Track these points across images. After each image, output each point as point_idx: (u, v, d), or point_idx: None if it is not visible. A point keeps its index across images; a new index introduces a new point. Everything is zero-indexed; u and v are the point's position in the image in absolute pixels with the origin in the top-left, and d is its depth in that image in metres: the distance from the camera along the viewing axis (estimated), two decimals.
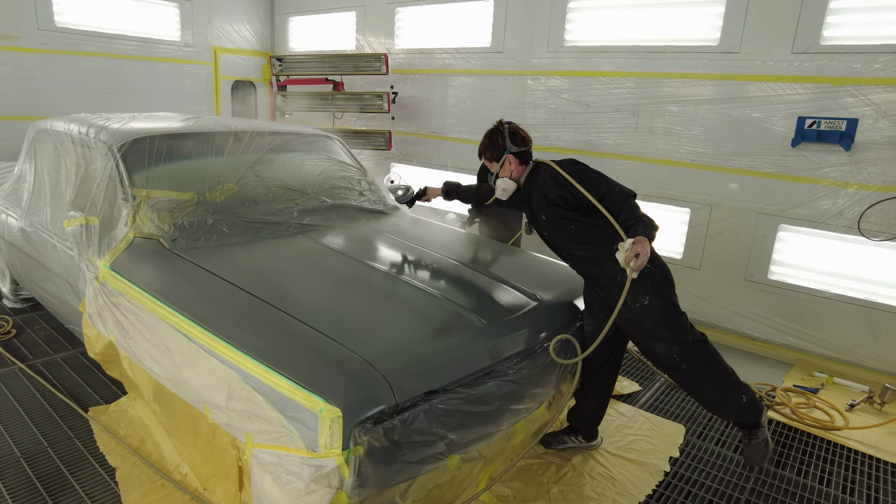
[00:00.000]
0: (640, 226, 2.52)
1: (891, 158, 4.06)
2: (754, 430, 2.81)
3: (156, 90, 6.93)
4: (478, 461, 2.43)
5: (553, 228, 2.87)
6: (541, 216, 2.89)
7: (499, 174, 2.96)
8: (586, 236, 2.76)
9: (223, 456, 2.33)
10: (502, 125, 2.94)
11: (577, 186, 2.65)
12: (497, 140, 2.92)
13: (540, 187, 2.84)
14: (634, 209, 2.60)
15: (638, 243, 2.43)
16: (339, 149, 4.27)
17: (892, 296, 4.22)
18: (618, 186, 2.69)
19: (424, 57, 6.50)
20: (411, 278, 2.87)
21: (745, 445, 2.85)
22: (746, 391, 2.76)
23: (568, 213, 2.77)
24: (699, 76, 4.74)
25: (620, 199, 2.63)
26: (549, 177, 2.79)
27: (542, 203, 2.85)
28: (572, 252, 2.87)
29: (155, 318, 2.50)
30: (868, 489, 3.07)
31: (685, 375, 2.73)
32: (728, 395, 2.74)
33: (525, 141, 2.93)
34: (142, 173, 3.16)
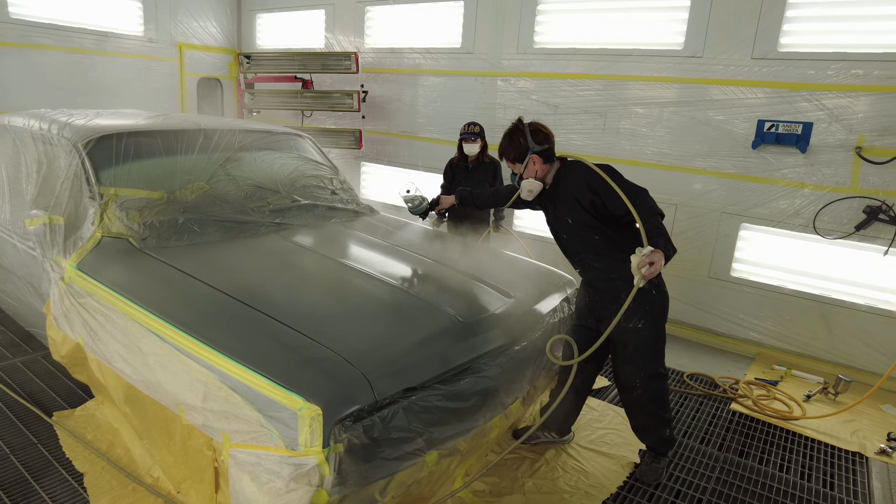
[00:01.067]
0: (661, 240, 2.47)
1: (842, 161, 4.26)
2: (660, 456, 3.01)
3: (118, 86, 6.73)
4: (455, 456, 2.46)
5: (575, 234, 2.82)
6: (566, 219, 2.81)
7: (523, 175, 2.85)
8: (606, 250, 2.75)
9: (198, 457, 2.30)
10: (522, 123, 2.82)
11: (616, 190, 2.54)
12: (518, 140, 2.80)
13: (571, 189, 2.74)
14: (660, 226, 2.53)
15: (655, 254, 2.41)
16: (311, 147, 4.25)
17: (844, 291, 4.43)
18: (650, 201, 2.59)
19: (395, 56, 6.50)
20: (387, 276, 2.88)
21: (646, 465, 3.02)
22: (670, 426, 2.97)
23: (595, 223, 2.71)
24: (664, 79, 4.88)
25: (649, 212, 2.55)
26: (582, 181, 2.69)
27: (571, 206, 2.75)
28: (585, 260, 2.85)
29: (126, 319, 2.45)
30: (824, 475, 3.23)
31: (634, 399, 2.90)
32: (656, 427, 2.95)
33: (547, 138, 2.81)
34: (109, 171, 3.08)
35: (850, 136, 4.21)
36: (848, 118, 4.20)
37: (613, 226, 2.70)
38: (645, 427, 2.99)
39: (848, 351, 4.44)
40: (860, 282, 4.36)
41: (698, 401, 3.96)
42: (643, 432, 3.02)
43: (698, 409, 3.85)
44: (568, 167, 2.81)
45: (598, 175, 2.62)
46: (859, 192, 4.23)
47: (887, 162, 4.10)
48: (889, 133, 4.09)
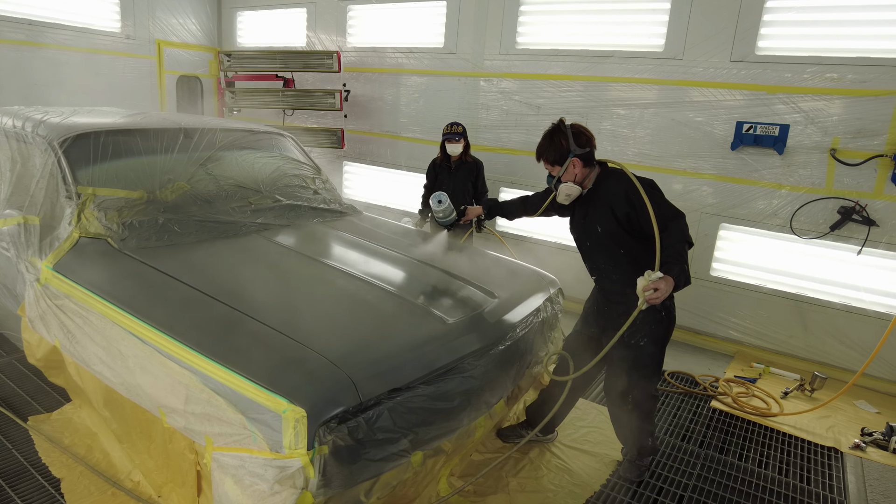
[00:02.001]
0: (675, 268, 2.46)
1: (818, 162, 4.35)
2: (642, 457, 3.05)
3: (94, 83, 6.60)
4: (440, 457, 2.46)
5: (601, 243, 2.77)
6: (596, 227, 2.75)
7: (561, 178, 2.76)
8: (627, 264, 2.72)
9: (180, 461, 2.27)
10: (564, 125, 2.73)
11: (648, 209, 2.51)
12: (559, 142, 2.71)
13: (609, 199, 2.68)
14: (682, 253, 2.50)
15: (663, 280, 2.41)
16: (293, 146, 4.21)
17: (819, 290, 4.52)
18: (681, 227, 2.56)
19: (377, 55, 6.48)
20: (370, 277, 2.87)
21: (629, 463, 3.06)
22: (653, 436, 3.01)
23: (624, 236, 2.68)
24: (645, 81, 4.93)
25: (677, 237, 2.52)
26: (622, 191, 2.63)
27: (605, 215, 2.70)
28: (604, 270, 2.83)
29: (105, 321, 2.40)
30: (801, 470, 3.29)
31: (622, 412, 2.93)
32: (640, 438, 2.99)
33: (589, 141, 2.73)
34: (86, 170, 3.02)
35: (825, 138, 4.30)
36: (823, 121, 4.29)
37: (641, 242, 2.63)
38: (627, 437, 3.04)
39: (823, 348, 4.54)
40: (835, 281, 4.45)
41: (679, 399, 4.01)
42: (625, 440, 3.07)
43: (679, 406, 3.91)
44: (609, 174, 2.73)
45: (637, 189, 2.56)
46: (834, 193, 4.32)
47: (860, 164, 4.19)
48: (862, 136, 4.19)
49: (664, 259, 2.47)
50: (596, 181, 2.77)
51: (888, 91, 4.05)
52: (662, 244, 2.50)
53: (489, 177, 5.21)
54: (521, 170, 5.67)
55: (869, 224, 4.20)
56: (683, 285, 2.50)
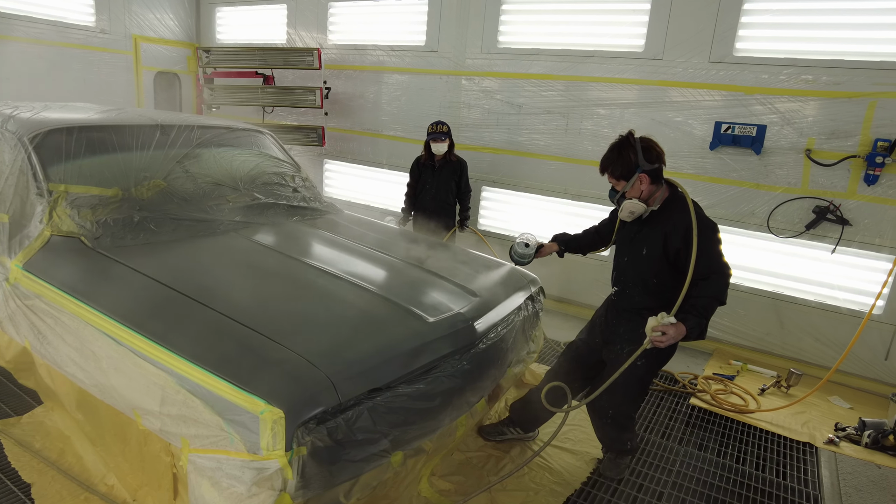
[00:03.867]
0: (693, 320, 2.44)
1: (794, 162, 4.43)
2: (623, 455, 3.08)
3: (67, 79, 6.46)
4: (421, 456, 2.45)
5: (639, 266, 2.71)
6: (643, 249, 2.68)
7: (626, 194, 2.64)
8: (653, 293, 2.69)
9: (155, 463, 2.23)
10: (633, 138, 2.61)
11: (693, 256, 2.47)
12: (628, 155, 2.58)
13: (667, 229, 2.60)
14: (708, 308, 2.48)
15: (675, 327, 2.39)
16: (272, 144, 4.16)
17: (795, 288, 4.60)
18: (721, 283, 2.51)
19: (358, 53, 6.44)
20: (350, 276, 2.84)
21: (610, 460, 3.08)
22: (633, 439, 3.03)
23: (665, 268, 2.63)
24: (625, 81, 4.97)
25: (712, 292, 2.49)
26: (682, 227, 2.55)
27: (656, 242, 2.63)
28: (629, 288, 2.79)
29: (78, 322, 2.34)
30: (777, 465, 3.34)
31: (603, 421, 2.94)
32: (617, 443, 3.02)
33: (659, 157, 2.61)
34: (58, 167, 2.94)
35: (801, 138, 4.37)
36: (799, 122, 4.36)
37: (678, 279, 2.56)
38: (607, 440, 3.06)
39: (799, 345, 4.62)
40: (810, 279, 4.53)
41: (659, 396, 4.05)
42: (604, 444, 3.09)
43: (659, 404, 3.94)
44: (677, 202, 2.63)
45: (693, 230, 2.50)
46: (809, 193, 4.40)
47: (834, 164, 4.27)
48: (836, 137, 4.26)
49: (687, 307, 2.46)
50: (663, 204, 2.66)
51: (861, 93, 4.14)
52: (692, 293, 2.47)
53: (471, 176, 5.21)
54: (504, 169, 5.68)
55: (842, 223, 4.28)
56: (695, 338, 2.48)
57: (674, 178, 2.73)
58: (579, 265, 5.14)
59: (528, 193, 5.58)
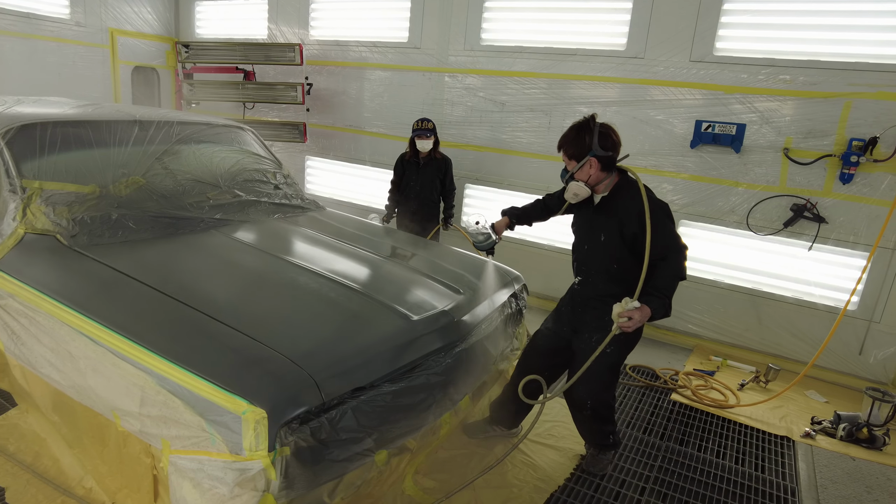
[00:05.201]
0: (656, 300, 2.49)
1: (772, 161, 4.49)
2: (606, 451, 3.11)
3: (41, 72, 6.31)
4: (405, 455, 2.44)
5: (598, 254, 2.75)
6: (601, 235, 2.72)
7: (575, 175, 2.69)
8: (616, 278, 2.71)
9: (135, 465, 2.19)
10: (594, 122, 2.64)
11: (647, 239, 2.50)
12: (583, 138, 2.62)
13: (620, 213, 2.64)
14: (670, 287, 2.53)
15: (640, 311, 2.43)
16: (253, 140, 4.11)
17: (773, 285, 4.68)
18: (679, 261, 2.57)
19: (340, 49, 6.39)
20: (333, 274, 2.81)
21: (592, 456, 3.12)
22: (614, 434, 3.07)
23: (624, 254, 2.66)
24: (607, 79, 5.00)
25: (671, 272, 2.54)
26: (636, 211, 2.58)
27: (612, 228, 2.67)
28: (592, 276, 2.81)
29: (53, 321, 2.29)
30: (756, 459, 3.40)
31: (582, 416, 2.98)
32: (599, 436, 3.06)
33: (615, 146, 2.64)
34: (32, 163, 2.88)
35: (779, 137, 4.44)
36: (777, 121, 4.43)
37: (638, 262, 2.59)
38: (587, 436, 3.10)
39: (776, 341, 4.70)
40: (787, 276, 4.61)
41: (641, 392, 4.09)
42: (587, 438, 3.12)
43: (641, 400, 3.98)
44: (628, 188, 2.66)
45: (646, 213, 2.53)
46: (787, 191, 4.47)
47: (811, 163, 4.35)
48: (812, 136, 4.34)
49: (650, 289, 2.51)
50: (613, 190, 2.70)
51: (836, 94, 4.21)
52: (654, 274, 2.52)
53: (455, 173, 5.20)
54: (487, 166, 5.68)
55: (819, 221, 4.36)
56: (661, 317, 2.53)
57: (627, 166, 2.75)
58: (562, 262, 5.16)
59: (511, 191, 5.59)
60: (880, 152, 4.11)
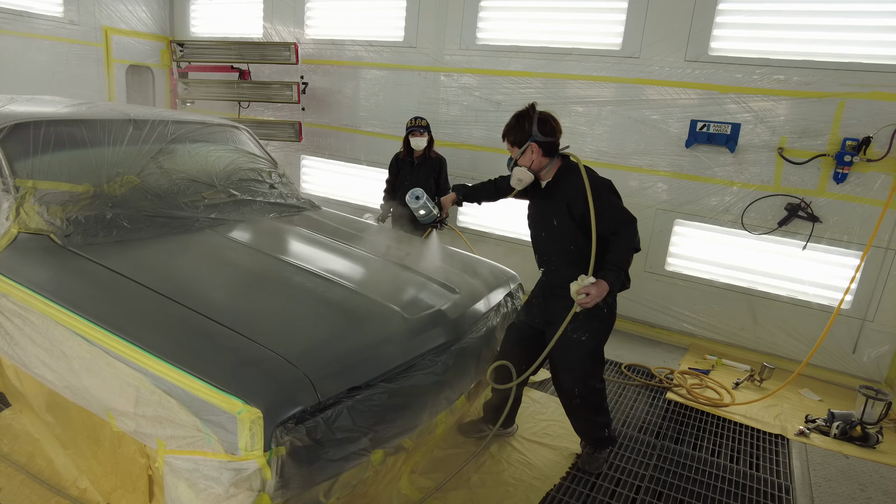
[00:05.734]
0: (612, 274, 2.53)
1: (767, 160, 4.51)
2: (602, 449, 3.11)
3: (34, 71, 6.26)
4: (401, 454, 2.44)
5: (555, 237, 2.83)
6: (552, 220, 2.80)
7: (518, 162, 2.77)
8: (578, 260, 2.74)
9: (130, 465, 2.18)
10: (533, 109, 2.74)
11: (591, 214, 2.57)
12: (524, 125, 2.72)
13: (566, 195, 2.71)
14: (624, 260, 2.59)
15: (597, 285, 2.47)
16: (248, 140, 4.10)
17: (768, 284, 4.70)
18: (631, 234, 2.63)
19: (336, 48, 6.38)
20: (328, 273, 2.81)
21: (588, 455, 3.12)
22: (609, 427, 3.07)
23: (578, 234, 2.72)
24: (602, 79, 5.00)
25: (623, 244, 2.60)
26: (578, 191, 2.65)
27: (561, 211, 2.74)
28: (555, 264, 2.86)
29: (47, 321, 2.28)
30: (750, 457, 3.41)
31: (573, 405, 2.99)
32: (594, 429, 3.06)
33: (554, 131, 2.73)
34: (26, 162, 2.86)
35: (774, 137, 4.46)
36: (771, 120, 4.45)
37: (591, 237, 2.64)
38: (583, 429, 3.09)
39: (771, 340, 4.72)
40: (782, 275, 4.63)
41: (636, 391, 4.10)
42: (582, 433, 3.12)
43: (636, 398, 3.99)
44: (570, 171, 2.73)
45: (587, 191, 2.59)
46: (781, 191, 4.49)
47: (805, 162, 4.36)
48: (806, 136, 4.36)
49: (605, 264, 2.57)
50: (556, 175, 2.78)
51: (830, 94, 4.23)
52: (610, 248, 2.59)
53: (450, 173, 5.20)
54: (483, 166, 5.68)
55: (813, 220, 4.38)
56: (620, 289, 2.59)
57: (569, 152, 2.81)
58: None
59: None
60: (873, 152, 4.14)
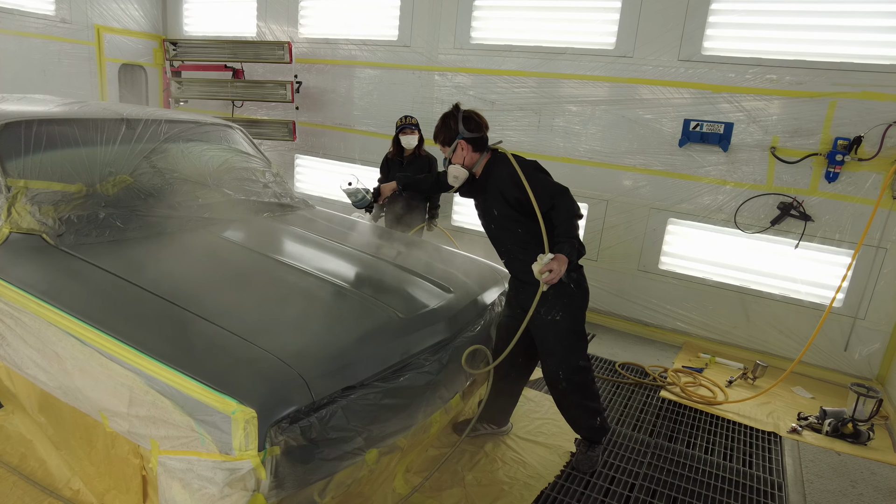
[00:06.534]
0: (566, 246, 2.58)
1: (759, 159, 4.54)
2: (595, 444, 3.10)
3: (26, 70, 6.22)
4: (395, 453, 2.45)
5: (502, 226, 2.89)
6: (493, 211, 2.88)
7: (451, 160, 2.88)
8: (530, 242, 2.80)
9: (124, 466, 2.17)
10: (458, 109, 2.86)
11: (529, 192, 2.65)
12: (450, 124, 2.84)
13: (498, 184, 2.80)
14: (572, 228, 2.63)
15: (556, 260, 2.50)
16: (242, 139, 4.09)
17: (760, 282, 4.72)
18: (569, 202, 2.69)
19: (329, 47, 6.37)
20: (322, 273, 2.80)
21: (581, 454, 3.11)
22: (601, 415, 3.06)
23: (520, 217, 2.79)
24: (596, 78, 5.02)
25: (564, 214, 2.66)
26: (507, 175, 2.74)
27: (498, 199, 2.82)
28: (512, 252, 2.91)
29: (40, 322, 2.27)
30: (743, 454, 3.43)
31: (560, 392, 2.98)
32: (586, 418, 3.04)
33: (479, 126, 2.85)
34: (17, 162, 2.84)
35: (766, 136, 4.48)
36: (764, 120, 4.47)
37: (536, 220, 2.72)
38: (575, 418, 3.07)
39: (764, 338, 4.74)
40: (774, 273, 4.66)
41: (630, 389, 4.12)
42: (575, 423, 3.10)
43: (630, 397, 4.01)
44: (497, 160, 2.85)
45: (518, 172, 2.70)
46: (774, 190, 4.51)
47: (798, 161, 4.39)
48: (799, 135, 4.38)
49: (556, 238, 2.63)
50: (487, 167, 2.88)
51: (822, 93, 4.26)
52: (552, 223, 2.66)
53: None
54: None
55: (805, 219, 4.41)
56: (578, 258, 2.65)
57: (496, 145, 2.92)
58: None
59: None
60: (864, 151, 4.17)
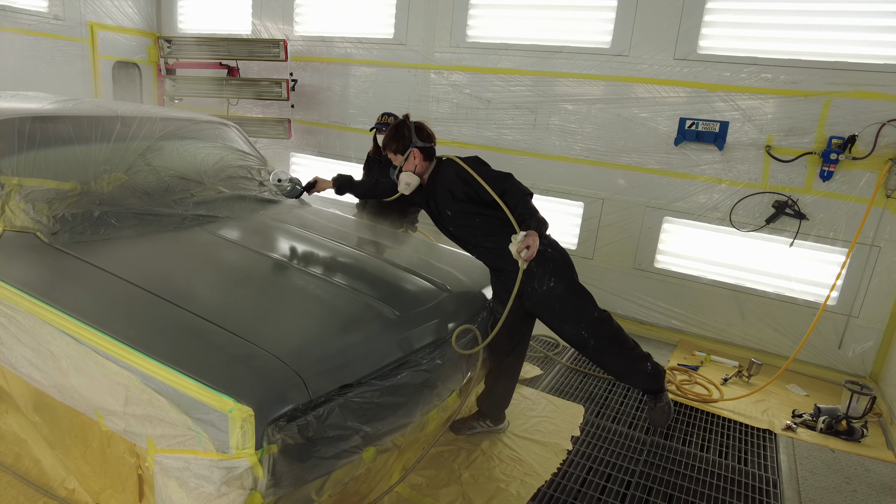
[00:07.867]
0: (532, 221, 2.66)
1: (755, 158, 4.55)
2: (659, 394, 3.11)
3: (17, 66, 6.15)
4: (392, 452, 2.44)
5: (459, 224, 2.95)
6: (446, 212, 2.96)
7: (403, 168, 2.97)
8: (491, 229, 2.86)
9: (119, 465, 2.16)
10: (408, 119, 2.99)
11: (480, 181, 2.77)
12: (403, 133, 2.94)
13: (445, 184, 2.91)
14: (529, 206, 2.74)
15: (529, 236, 2.56)
16: (237, 137, 4.08)
17: (755, 280, 4.74)
18: (517, 184, 2.81)
19: (325, 45, 6.35)
20: (318, 270, 2.80)
21: (651, 409, 3.13)
22: (650, 360, 3.05)
23: (473, 208, 2.87)
24: (592, 76, 5.02)
25: (518, 195, 2.76)
26: (453, 174, 2.87)
27: (447, 199, 2.92)
28: (479, 244, 2.96)
29: (34, 320, 2.25)
30: (739, 452, 3.45)
31: (594, 351, 2.96)
32: (634, 366, 3.02)
33: (430, 137, 3.00)
34: (10, 159, 2.82)
35: (761, 135, 4.50)
36: (759, 119, 4.49)
37: (489, 207, 2.83)
38: (624, 372, 3.04)
39: (759, 336, 4.77)
40: (769, 271, 4.68)
41: (626, 387, 4.13)
42: (627, 377, 3.08)
43: (626, 395, 4.02)
44: (440, 165, 2.97)
45: (466, 169, 2.82)
46: (769, 188, 4.53)
47: (792, 160, 4.41)
48: (793, 134, 4.40)
49: (519, 217, 2.70)
50: (433, 174, 3.00)
51: (816, 92, 4.27)
52: (510, 206, 2.73)
53: None
54: None
55: (800, 218, 4.43)
56: (545, 229, 2.72)
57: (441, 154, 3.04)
58: None
59: None
60: (858, 150, 4.19)
